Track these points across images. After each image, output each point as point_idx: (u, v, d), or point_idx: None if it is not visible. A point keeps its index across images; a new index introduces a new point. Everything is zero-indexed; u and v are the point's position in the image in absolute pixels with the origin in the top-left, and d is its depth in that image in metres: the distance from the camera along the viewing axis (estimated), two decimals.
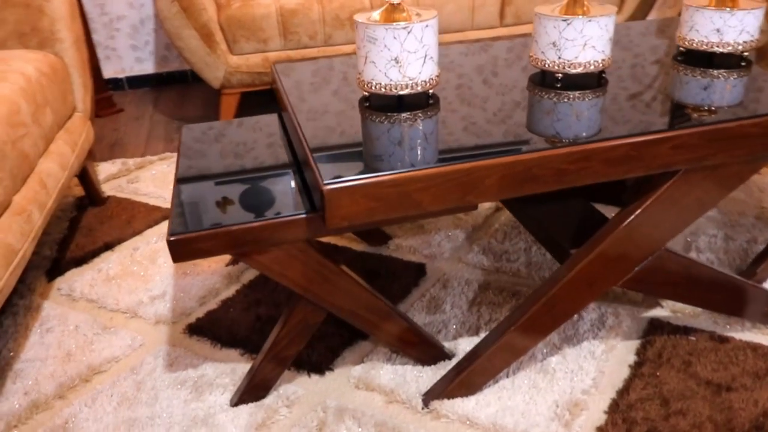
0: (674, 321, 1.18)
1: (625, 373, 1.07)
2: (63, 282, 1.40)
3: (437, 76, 1.04)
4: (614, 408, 1.00)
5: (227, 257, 1.46)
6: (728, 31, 1.14)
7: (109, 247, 1.53)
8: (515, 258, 1.39)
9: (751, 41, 1.15)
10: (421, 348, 1.09)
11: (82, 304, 1.33)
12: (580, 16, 1.05)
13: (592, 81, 1.11)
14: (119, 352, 1.18)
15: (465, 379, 1.02)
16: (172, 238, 0.86)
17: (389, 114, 0.99)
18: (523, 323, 1.00)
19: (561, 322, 1.02)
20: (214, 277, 1.39)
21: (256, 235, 0.88)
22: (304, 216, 0.88)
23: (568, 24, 1.05)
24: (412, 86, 1.02)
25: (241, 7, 2.01)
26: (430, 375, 1.08)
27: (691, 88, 1.05)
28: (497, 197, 0.85)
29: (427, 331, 1.19)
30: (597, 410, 1.00)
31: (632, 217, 0.95)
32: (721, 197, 0.98)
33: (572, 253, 1.01)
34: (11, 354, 1.19)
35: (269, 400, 1.05)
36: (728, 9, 1.13)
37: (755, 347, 1.10)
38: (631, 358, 1.10)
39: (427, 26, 1.00)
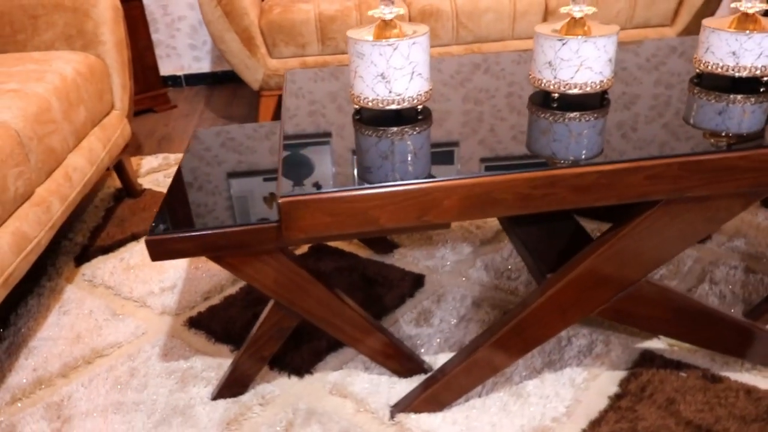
0: (668, 355, 1.13)
1: (602, 404, 1.04)
2: (88, 268, 1.51)
3: (428, 91, 1.05)
4: None
5: None
6: (745, 54, 1.09)
7: (135, 237, 1.63)
8: (516, 276, 1.38)
9: None
10: (398, 360, 1.10)
11: (101, 290, 1.43)
12: (577, 37, 1.03)
13: (593, 102, 1.08)
14: (122, 339, 1.26)
15: (432, 395, 1.02)
16: (149, 238, 0.92)
17: (372, 128, 1.01)
18: (492, 345, 0.99)
19: (532, 346, 1.00)
20: (222, 273, 1.45)
21: (228, 240, 0.92)
22: (273, 225, 0.92)
23: (564, 44, 1.03)
24: (398, 102, 1.03)
25: (282, 12, 2.07)
26: (404, 387, 1.09)
27: (693, 114, 1.00)
28: (458, 219, 0.85)
29: (405, 344, 1.20)
30: None
31: (607, 245, 0.92)
32: (708, 231, 0.94)
33: (548, 278, 0.99)
34: (29, 332, 1.30)
35: (246, 397, 1.09)
36: (746, 31, 1.08)
37: (749, 390, 1.04)
38: (613, 390, 1.06)
39: (414, 44, 1.01)
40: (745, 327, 1.04)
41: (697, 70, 1.17)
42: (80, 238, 1.64)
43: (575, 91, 1.06)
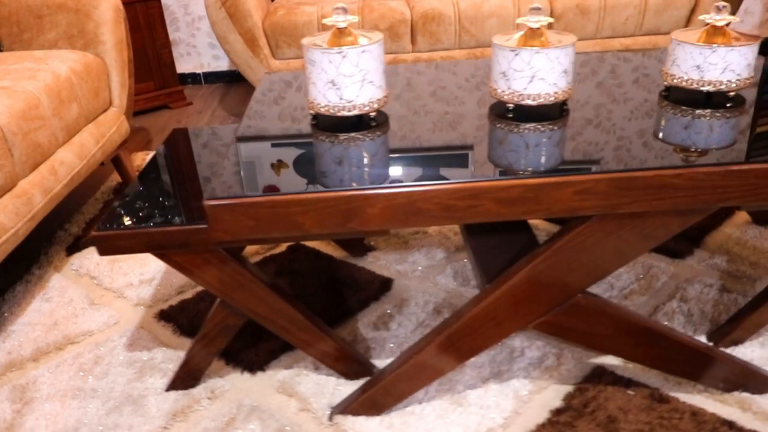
0: (620, 371, 1.11)
1: (541, 418, 1.03)
2: (77, 258, 1.58)
3: (381, 99, 1.06)
4: None
5: None
6: (709, 68, 1.06)
7: None
8: None
9: (738, 81, 1.06)
10: (345, 363, 1.12)
11: (85, 280, 1.49)
12: (530, 48, 1.02)
13: (551, 113, 1.07)
14: (95, 327, 1.32)
15: (370, 399, 1.04)
16: (95, 234, 0.96)
17: (322, 134, 1.03)
18: (427, 353, 0.99)
19: (468, 355, 1.00)
20: None
21: (170, 239, 0.95)
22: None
23: (516, 55, 1.03)
24: (349, 109, 1.05)
25: (286, 14, 2.11)
26: (349, 389, 1.10)
27: (647, 129, 0.99)
28: (383, 227, 0.86)
29: (359, 346, 1.21)
30: None
31: (540, 258, 0.92)
32: (645, 248, 0.92)
33: (484, 288, 0.99)
34: (11, 316, 1.37)
35: (197, 390, 1.13)
36: (710, 45, 1.05)
37: (696, 412, 1.02)
38: (556, 404, 1.05)
39: (364, 52, 1.02)
40: (695, 348, 1.02)
41: (665, 84, 1.15)
42: (75, 229, 1.71)
43: (529, 102, 1.05)
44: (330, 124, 1.08)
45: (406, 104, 1.15)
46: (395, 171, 0.90)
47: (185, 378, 1.14)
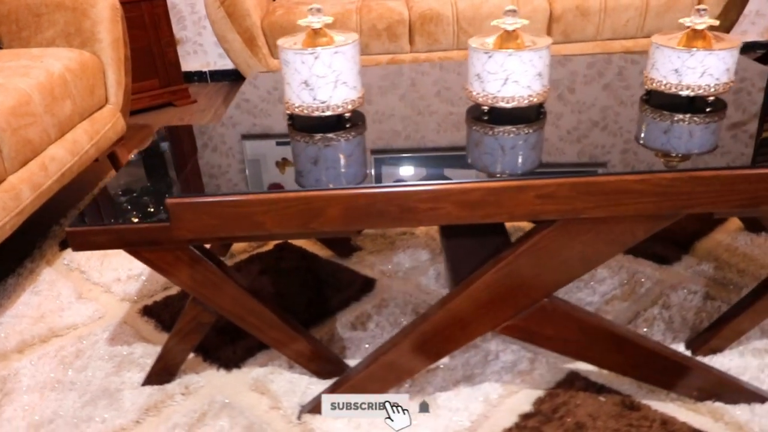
0: (594, 377, 1.10)
1: (509, 422, 1.02)
2: (69, 253, 1.61)
3: (355, 99, 1.07)
4: None
5: None
6: (687, 72, 1.05)
7: None
8: None
9: (717, 85, 1.04)
10: (318, 362, 1.12)
11: (75, 274, 1.52)
12: (504, 50, 1.02)
13: (527, 116, 1.07)
14: (80, 321, 1.34)
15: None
16: (69, 229, 0.98)
17: (296, 135, 1.04)
18: (394, 353, 1.00)
19: (435, 357, 1.00)
20: None
21: (136, 235, 0.97)
22: None
23: (490, 57, 1.03)
24: (322, 109, 1.05)
25: (284, 14, 2.13)
26: (321, 388, 1.11)
27: (622, 133, 0.98)
28: (345, 227, 0.87)
29: (335, 346, 1.22)
30: None
31: (504, 262, 0.91)
32: (611, 254, 0.91)
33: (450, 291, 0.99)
34: (0, 309, 1.40)
35: (172, 385, 1.14)
36: (689, 48, 1.03)
37: (666, 421, 1.00)
38: (525, 408, 1.05)
39: (336, 53, 1.02)
40: (666, 356, 1.00)
41: (647, 87, 1.13)
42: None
43: (503, 104, 1.05)
44: (306, 125, 1.08)
45: (384, 105, 1.16)
46: (359, 172, 0.90)
47: (161, 373, 1.15)
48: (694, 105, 1.07)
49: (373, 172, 0.92)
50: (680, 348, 1.16)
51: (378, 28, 2.11)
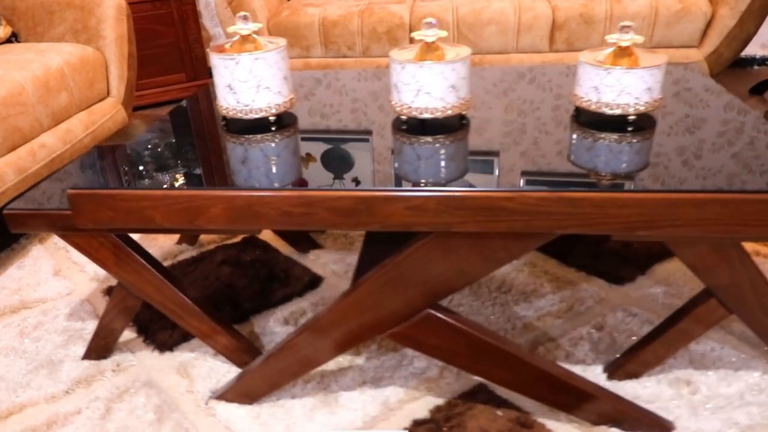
0: (499, 391, 1.10)
1: (400, 426, 1.04)
2: None
3: (281, 104, 1.12)
4: None
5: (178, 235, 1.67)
6: (606, 90, 1.03)
7: None
8: None
9: (636, 104, 1.02)
10: (237, 354, 1.18)
11: (60, 253, 1.65)
12: (415, 62, 1.03)
13: (448, 127, 1.08)
14: (49, 296, 1.46)
15: (243, 387, 1.09)
16: (6, 211, 1.08)
17: (227, 136, 1.10)
18: (286, 350, 1.04)
19: (325, 357, 1.03)
20: (163, 249, 1.61)
21: (64, 221, 1.05)
22: None
23: (403, 68, 1.05)
24: (246, 112, 1.11)
25: (290, 15, 2.19)
26: None
27: (525, 150, 0.97)
28: (229, 226, 0.92)
29: (263, 339, 1.27)
30: None
31: (383, 271, 0.93)
32: (488, 269, 0.91)
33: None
34: None
35: (108, 361, 1.23)
36: (606, 66, 1.02)
37: None
38: (421, 415, 1.06)
39: (257, 59, 1.07)
40: (560, 377, 0.99)
41: (575, 104, 1.12)
42: None
43: (417, 114, 1.07)
44: (236, 127, 1.14)
45: (317, 109, 1.19)
46: (248, 174, 0.95)
47: (98, 350, 1.24)
48: (616, 123, 1.05)
49: (260, 174, 0.96)
50: (597, 370, 1.14)
51: (378, 31, 2.14)
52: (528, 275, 1.42)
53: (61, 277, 1.54)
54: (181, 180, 0.94)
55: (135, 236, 1.68)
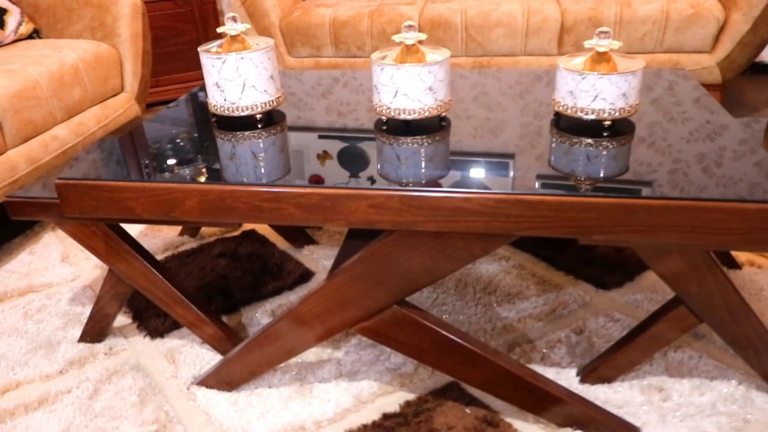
0: (471, 390, 1.12)
1: (369, 419, 1.07)
2: None
3: (267, 102, 1.15)
4: None
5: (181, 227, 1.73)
6: (581, 95, 1.04)
7: None
8: None
9: (612, 110, 1.02)
10: (222, 343, 1.22)
11: (69, 241, 1.72)
12: (392, 64, 1.06)
13: (427, 128, 1.11)
14: (55, 281, 1.53)
15: (224, 374, 1.13)
16: (6, 199, 1.14)
17: (218, 132, 1.15)
18: (259, 341, 1.07)
19: (298, 349, 1.07)
20: (166, 240, 1.67)
21: (58, 210, 1.11)
22: None
23: (382, 70, 1.07)
24: (232, 110, 1.15)
25: (301, 15, 2.24)
26: None
27: (501, 153, 0.99)
28: (202, 218, 0.96)
29: (250, 330, 1.31)
30: None
31: (350, 266, 0.96)
32: (451, 268, 0.93)
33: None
34: (0, 263, 1.63)
35: (101, 345, 1.29)
36: (581, 71, 1.02)
37: None
38: (391, 409, 1.09)
39: (242, 59, 1.11)
40: (526, 378, 1.01)
41: (555, 109, 1.13)
42: None
43: (395, 115, 1.09)
44: (226, 124, 1.18)
45: (304, 109, 1.23)
46: (229, 169, 0.98)
47: (92, 333, 1.30)
48: (593, 128, 1.06)
49: (236, 170, 1.00)
50: (571, 373, 1.14)
51: (387, 32, 2.17)
52: (515, 277, 1.43)
53: (68, 263, 1.61)
54: (162, 173, 0.99)
55: (140, 227, 1.74)
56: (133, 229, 1.74)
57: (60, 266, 1.60)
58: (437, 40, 2.16)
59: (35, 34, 1.97)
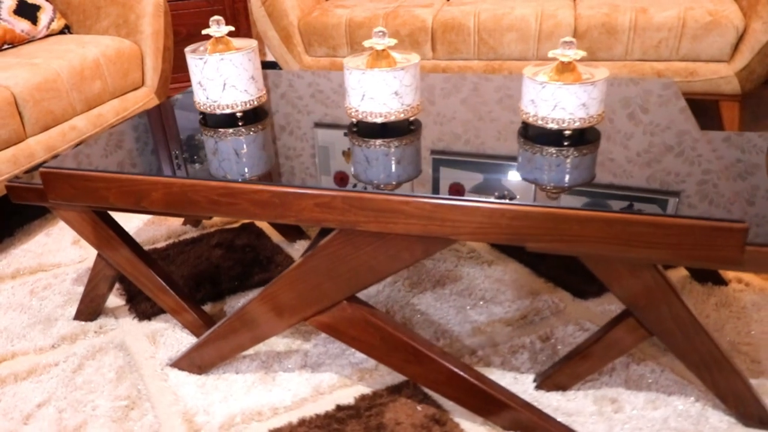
0: (425, 387, 1.14)
1: (323, 409, 1.11)
2: None
3: (247, 101, 1.21)
4: (278, 430, 1.07)
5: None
6: (541, 104, 1.05)
7: None
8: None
9: (571, 120, 1.03)
10: (202, 330, 1.29)
11: None
12: (359, 69, 1.09)
13: (396, 131, 1.14)
14: (63, 262, 1.64)
15: (192, 357, 1.20)
16: (8, 183, 1.24)
17: (206, 129, 1.21)
18: (225, 329, 1.13)
19: (260, 337, 1.12)
20: (170, 229, 1.76)
21: (41, 194, 1.20)
22: None
23: (350, 74, 1.11)
24: (214, 108, 1.21)
25: (319, 15, 2.29)
26: None
27: (445, 154, 1.02)
28: (168, 209, 1.02)
29: (210, 317, 1.37)
30: (263, 426, 1.08)
31: (300, 262, 1.00)
32: (395, 268, 0.96)
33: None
34: (17, 242, 1.75)
35: (93, 324, 1.38)
36: (541, 81, 1.03)
37: None
38: (346, 401, 1.13)
39: (222, 60, 1.17)
40: (470, 380, 1.03)
41: (521, 117, 1.14)
42: None
43: (362, 118, 1.13)
44: (212, 121, 1.25)
45: (289, 109, 1.28)
46: (188, 164, 1.04)
47: (87, 312, 1.39)
48: (555, 137, 1.07)
49: (215, 166, 1.06)
50: (528, 379, 1.15)
51: (401, 34, 2.20)
52: (494, 281, 1.44)
53: (78, 246, 1.72)
54: (135, 166, 1.06)
55: (146, 216, 1.84)
56: (141, 218, 1.84)
57: (70, 248, 1.71)
58: (450, 43, 2.17)
59: (66, 30, 2.10)
